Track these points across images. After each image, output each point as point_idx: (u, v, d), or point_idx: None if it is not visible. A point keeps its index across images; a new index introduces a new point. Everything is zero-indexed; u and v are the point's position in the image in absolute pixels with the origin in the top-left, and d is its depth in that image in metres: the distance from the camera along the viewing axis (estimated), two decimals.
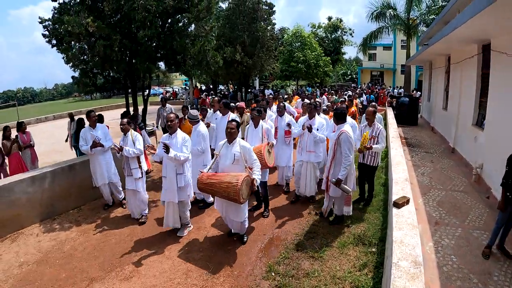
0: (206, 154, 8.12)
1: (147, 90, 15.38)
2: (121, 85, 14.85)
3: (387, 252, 4.71)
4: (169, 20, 12.83)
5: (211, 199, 8.20)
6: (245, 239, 6.48)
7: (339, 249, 5.86)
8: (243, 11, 27.68)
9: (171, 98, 46.16)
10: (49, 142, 7.80)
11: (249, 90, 34.40)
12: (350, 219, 6.97)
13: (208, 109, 11.43)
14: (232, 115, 9.20)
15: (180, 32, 12.75)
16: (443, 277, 4.95)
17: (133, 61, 12.30)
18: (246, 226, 6.44)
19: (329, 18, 52.69)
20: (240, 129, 6.86)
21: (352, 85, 49.91)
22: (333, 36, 51.51)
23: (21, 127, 10.65)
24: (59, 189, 8.07)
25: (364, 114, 8.21)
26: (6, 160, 10.07)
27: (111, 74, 13.68)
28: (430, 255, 5.49)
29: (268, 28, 30.65)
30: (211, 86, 36.86)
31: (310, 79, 43.56)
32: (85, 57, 12.09)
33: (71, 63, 12.34)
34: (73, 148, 12.55)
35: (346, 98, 16.41)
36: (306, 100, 14.23)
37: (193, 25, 13.64)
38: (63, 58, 12.21)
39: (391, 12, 26.70)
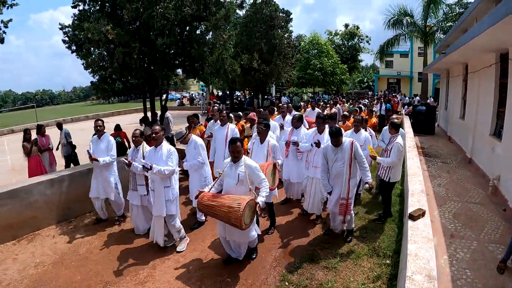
0: (205, 166, 7.67)
1: (165, 96, 15.53)
2: (139, 91, 15.06)
3: (401, 265, 4.70)
4: (187, 28, 12.97)
5: (203, 217, 7.85)
6: (253, 256, 6.17)
7: (353, 260, 5.84)
8: (260, 19, 27.83)
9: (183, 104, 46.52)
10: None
11: (266, 97, 34.48)
12: (365, 230, 6.95)
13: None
14: (231, 126, 8.99)
15: (198, 40, 12.88)
16: None
17: (152, 68, 12.44)
18: (256, 241, 6.13)
19: (346, 25, 52.62)
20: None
21: (369, 92, 49.70)
22: (350, 44, 51.37)
23: (40, 130, 10.80)
24: (76, 192, 8.18)
25: (386, 127, 8.09)
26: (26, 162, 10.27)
27: (130, 81, 13.83)
28: (445, 268, 5.44)
29: (285, 35, 30.79)
30: (227, 92, 36.99)
31: (326, 87, 43.50)
32: (104, 63, 12.28)
33: (90, 69, 12.55)
34: (64, 158, 12.24)
35: (363, 108, 16.18)
36: (317, 110, 13.93)
37: (211, 33, 13.75)
38: (82, 64, 12.42)
39: (408, 19, 26.69)
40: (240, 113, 11.98)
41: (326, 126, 7.60)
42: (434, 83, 43.06)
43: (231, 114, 11.47)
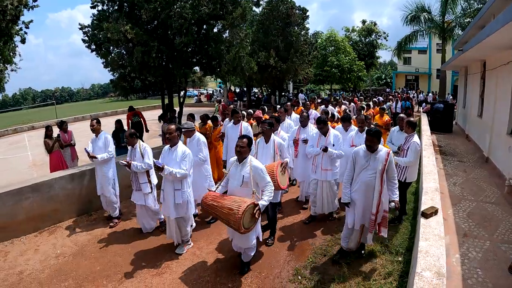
0: (206, 164, 7.73)
1: (183, 93, 15.75)
2: (158, 88, 15.27)
3: (412, 262, 4.77)
4: (205, 27, 13.13)
5: None
6: (245, 269, 5.71)
7: (366, 256, 5.92)
8: (276, 16, 27.87)
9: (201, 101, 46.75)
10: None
11: (283, 94, 34.51)
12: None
13: (219, 117, 10.98)
14: (245, 124, 8.90)
15: (215, 39, 13.02)
16: None
17: (170, 66, 12.61)
18: (252, 254, 5.76)
19: (363, 22, 52.04)
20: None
21: (387, 90, 49.30)
22: (367, 40, 50.87)
23: (62, 126, 10.98)
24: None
25: (396, 127, 8.03)
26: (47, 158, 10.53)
27: (148, 78, 14.03)
28: (456, 267, 5.47)
29: (302, 33, 30.74)
30: (245, 89, 37.12)
31: (343, 84, 43.28)
32: (123, 62, 12.48)
33: (110, 67, 12.79)
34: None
35: (371, 105, 15.77)
36: (330, 107, 13.79)
37: (227, 32, 13.88)
38: (102, 62, 12.66)
39: (426, 15, 26.43)
40: (251, 110, 11.96)
41: (330, 128, 7.45)
42: (453, 80, 42.61)
43: (243, 112, 11.45)
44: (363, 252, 6.01)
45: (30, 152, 18.45)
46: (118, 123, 11.08)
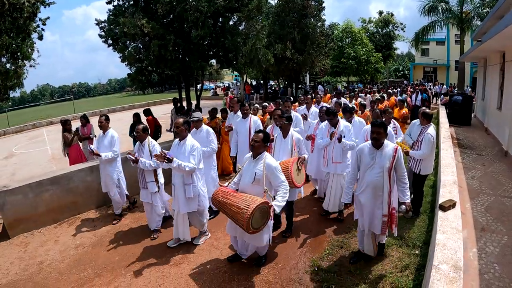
0: (214, 155, 7.63)
1: (200, 86, 15.83)
2: (174, 81, 15.37)
3: (429, 255, 4.75)
4: (221, 20, 13.14)
5: None
6: (262, 261, 5.70)
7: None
8: (292, 8, 27.76)
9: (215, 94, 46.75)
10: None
11: (300, 86, 34.41)
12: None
13: (229, 111, 10.56)
14: (254, 118, 8.71)
15: (231, 31, 13.05)
16: (483, 284, 4.90)
17: (186, 59, 12.68)
18: (266, 249, 5.72)
19: (380, 13, 51.53)
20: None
21: (405, 81, 48.75)
22: (384, 31, 50.36)
23: (82, 119, 11.13)
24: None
25: (416, 120, 7.55)
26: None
27: (165, 72, 14.12)
28: (473, 261, 5.42)
29: (318, 24, 30.57)
30: (261, 82, 37.09)
31: (360, 76, 43.01)
32: (140, 56, 12.58)
33: (127, 62, 12.90)
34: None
35: (385, 96, 15.38)
36: (343, 99, 13.42)
37: (243, 24, 13.88)
38: (120, 57, 12.78)
39: (443, 6, 26.01)
40: (266, 103, 11.87)
41: (340, 119, 7.26)
42: (472, 72, 41.92)
43: (257, 105, 11.50)
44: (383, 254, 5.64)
45: (49, 146, 18.81)
46: (136, 116, 11.17)
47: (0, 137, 26.20)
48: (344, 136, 6.83)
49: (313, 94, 15.67)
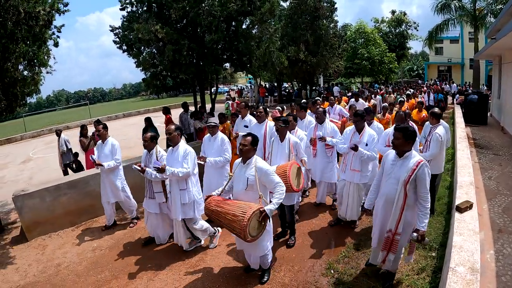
0: (227, 165, 7.32)
1: (215, 90, 15.96)
2: (189, 85, 15.52)
3: (446, 257, 4.72)
4: (234, 24, 13.25)
5: None
6: (265, 279, 5.32)
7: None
8: (304, 10, 27.75)
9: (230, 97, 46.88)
10: (119, 139, 8.28)
11: (314, 88, 34.37)
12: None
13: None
14: (270, 123, 8.12)
15: (245, 35, 13.14)
16: (501, 286, 4.85)
17: (201, 63, 12.79)
18: (269, 260, 5.32)
19: (393, 12, 51.15)
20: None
21: (419, 81, 48.33)
22: (397, 31, 49.97)
23: (97, 124, 11.32)
24: (131, 183, 8.21)
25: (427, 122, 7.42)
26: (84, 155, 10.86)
27: (180, 76, 14.24)
28: (490, 263, 5.38)
29: (331, 25, 30.55)
30: (275, 84, 37.12)
31: (374, 76, 42.79)
32: (155, 61, 12.72)
33: (141, 67, 13.05)
34: (63, 166, 11.89)
35: (405, 98, 14.89)
36: (360, 102, 13.02)
37: (256, 27, 13.96)
38: (134, 62, 12.95)
39: (456, 3, 25.77)
40: (279, 107, 11.64)
41: (366, 126, 6.82)
42: (487, 70, 41.34)
43: (268, 109, 11.00)
44: (386, 285, 4.95)
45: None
46: (147, 121, 11.37)
47: (17, 142, 26.72)
48: (367, 145, 6.45)
49: (326, 96, 15.53)
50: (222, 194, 5.10)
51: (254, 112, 8.59)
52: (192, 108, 14.84)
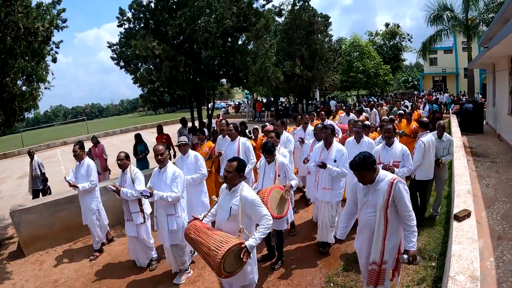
0: (203, 183, 7.16)
1: (212, 105, 16.08)
2: (186, 101, 15.63)
3: (446, 266, 4.74)
4: (229, 40, 13.37)
5: None
6: None
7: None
8: (299, 25, 27.91)
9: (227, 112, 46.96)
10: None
11: (310, 102, 34.52)
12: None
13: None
14: (242, 140, 7.91)
15: (241, 51, 13.26)
16: None
17: (198, 79, 12.90)
18: None
19: (387, 25, 51.72)
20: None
21: (415, 92, 48.52)
22: (391, 43, 50.47)
23: (93, 140, 11.65)
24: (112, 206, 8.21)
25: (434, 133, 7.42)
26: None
27: (177, 92, 14.35)
28: (491, 270, 5.38)
29: (326, 40, 30.78)
30: (271, 99, 37.27)
31: (370, 89, 43.03)
32: (152, 77, 12.83)
33: (139, 83, 13.16)
34: (32, 191, 11.06)
35: (407, 111, 14.68)
36: (352, 116, 12.62)
37: (252, 43, 14.11)
38: (132, 78, 13.04)
39: (449, 14, 25.99)
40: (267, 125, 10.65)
41: (335, 141, 6.49)
42: (482, 79, 41.61)
43: (260, 125, 10.68)
44: None
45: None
46: (137, 137, 11.53)
47: (14, 156, 26.69)
48: (335, 161, 6.17)
49: (321, 110, 15.46)
50: (205, 219, 4.65)
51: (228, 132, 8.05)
52: (189, 124, 14.92)
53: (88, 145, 11.32)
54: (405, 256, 4.03)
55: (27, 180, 11.87)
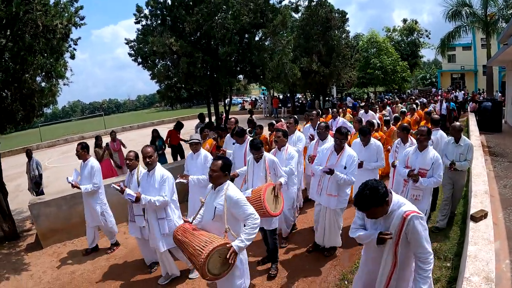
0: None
1: (229, 101, 16.15)
2: (203, 97, 15.73)
3: (461, 267, 4.72)
4: (247, 36, 13.40)
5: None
6: None
7: None
8: (316, 21, 27.85)
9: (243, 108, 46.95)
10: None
11: (327, 98, 34.39)
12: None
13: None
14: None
15: (258, 47, 13.28)
16: None
17: (215, 75, 12.96)
18: None
19: (404, 21, 51.20)
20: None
21: (433, 89, 47.93)
22: (409, 39, 49.91)
23: (111, 135, 11.78)
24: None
25: (449, 139, 7.07)
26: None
27: (194, 88, 14.43)
28: (506, 273, 5.30)
29: (343, 36, 30.60)
30: (288, 95, 37.20)
31: (387, 86, 42.61)
32: (169, 73, 12.91)
33: (156, 79, 13.27)
34: (32, 192, 10.77)
35: (417, 107, 14.47)
36: (370, 113, 12.26)
37: (269, 39, 14.12)
38: (149, 74, 13.15)
39: (467, 10, 25.66)
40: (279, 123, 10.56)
41: (347, 146, 6.07)
42: (501, 76, 40.90)
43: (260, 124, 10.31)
44: None
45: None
46: (155, 132, 11.74)
47: (33, 151, 26.90)
48: (345, 168, 5.76)
49: (339, 107, 15.32)
50: (194, 221, 4.46)
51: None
52: (206, 120, 15.00)
53: (106, 139, 11.53)
54: None
55: (45, 174, 12.05)
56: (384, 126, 10.52)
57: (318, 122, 8.26)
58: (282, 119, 10.79)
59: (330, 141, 6.78)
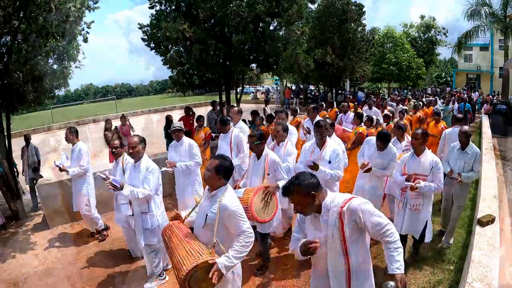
0: (198, 170, 6.91)
1: (241, 90, 16.13)
2: (215, 84, 15.72)
3: (464, 271, 4.66)
4: (261, 25, 13.34)
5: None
6: None
7: (417, 262, 5.80)
8: (332, 13, 27.52)
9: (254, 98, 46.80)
10: (144, 134, 8.34)
11: (340, 91, 34.16)
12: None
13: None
14: (235, 132, 7.43)
15: (272, 36, 13.23)
16: None
17: (227, 63, 12.95)
18: None
19: (422, 17, 50.43)
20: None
21: (447, 89, 47.37)
22: (426, 36, 49.26)
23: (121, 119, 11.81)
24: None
25: (456, 143, 6.30)
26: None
27: (206, 75, 14.42)
28: (510, 280, 5.24)
29: (359, 29, 30.25)
30: (301, 87, 37.00)
31: (402, 82, 42.17)
32: (182, 59, 12.90)
33: (168, 65, 13.26)
34: (27, 178, 9.93)
35: (420, 104, 13.76)
36: (374, 110, 12.00)
37: (284, 29, 14.04)
38: (162, 60, 13.15)
39: (487, 10, 25.21)
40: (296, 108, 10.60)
41: (328, 139, 5.88)
42: None
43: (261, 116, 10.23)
44: None
45: (91, 143, 19.44)
46: (168, 119, 11.70)
47: (44, 132, 27.54)
48: (329, 162, 5.52)
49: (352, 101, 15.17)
50: (187, 219, 4.04)
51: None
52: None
53: (116, 123, 11.57)
54: (392, 283, 2.95)
55: (55, 156, 11.98)
56: (384, 122, 10.12)
57: (316, 120, 7.31)
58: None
59: (335, 142, 6.48)
